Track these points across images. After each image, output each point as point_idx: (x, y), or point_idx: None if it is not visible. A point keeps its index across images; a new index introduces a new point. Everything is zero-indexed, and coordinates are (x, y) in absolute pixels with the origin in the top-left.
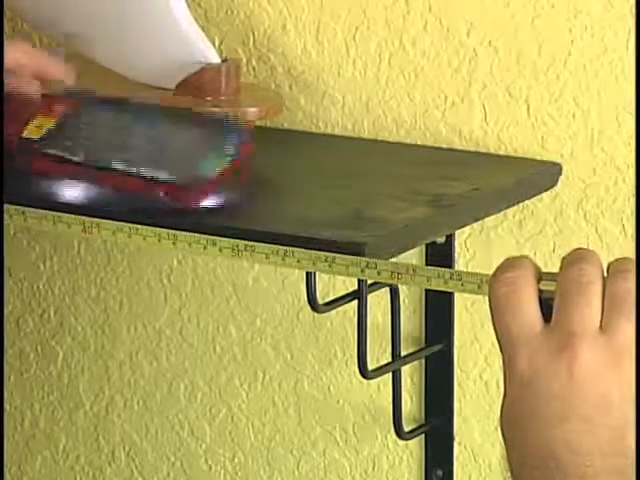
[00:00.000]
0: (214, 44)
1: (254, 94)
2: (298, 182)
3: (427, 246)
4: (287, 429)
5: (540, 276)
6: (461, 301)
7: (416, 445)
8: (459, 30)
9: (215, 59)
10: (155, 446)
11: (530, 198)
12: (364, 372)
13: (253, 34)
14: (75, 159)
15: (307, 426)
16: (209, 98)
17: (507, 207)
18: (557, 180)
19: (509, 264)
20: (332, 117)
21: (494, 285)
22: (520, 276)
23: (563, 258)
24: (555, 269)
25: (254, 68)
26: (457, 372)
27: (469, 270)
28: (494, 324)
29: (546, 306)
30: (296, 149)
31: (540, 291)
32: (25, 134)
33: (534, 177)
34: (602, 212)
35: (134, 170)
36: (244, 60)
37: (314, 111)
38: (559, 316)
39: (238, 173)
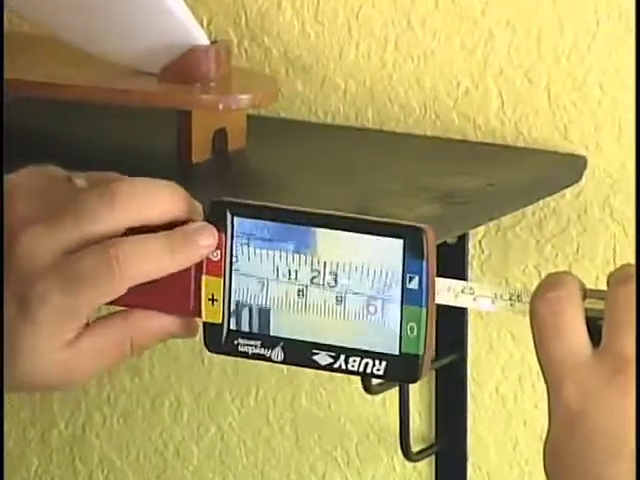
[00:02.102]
0: (202, 24)
1: (246, 79)
2: (295, 177)
3: (438, 247)
4: (283, 450)
5: (585, 294)
6: None
7: (425, 467)
8: (473, 9)
9: (203, 40)
10: (137, 469)
11: (551, 194)
12: (368, 386)
13: (245, 13)
14: (276, 359)
15: (305, 446)
16: (197, 84)
17: (526, 204)
18: (581, 175)
19: (552, 282)
20: (333, 105)
21: (536, 306)
22: (565, 295)
23: (610, 274)
24: (579, 273)
25: (246, 50)
26: (471, 386)
27: (484, 273)
28: (536, 350)
29: (594, 327)
30: (293, 140)
31: (586, 310)
32: (205, 317)
33: (556, 171)
34: (630, 210)
35: (340, 365)
36: (235, 42)
37: (313, 98)
38: (610, 339)
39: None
